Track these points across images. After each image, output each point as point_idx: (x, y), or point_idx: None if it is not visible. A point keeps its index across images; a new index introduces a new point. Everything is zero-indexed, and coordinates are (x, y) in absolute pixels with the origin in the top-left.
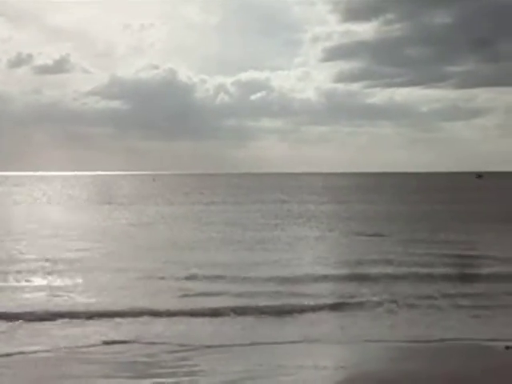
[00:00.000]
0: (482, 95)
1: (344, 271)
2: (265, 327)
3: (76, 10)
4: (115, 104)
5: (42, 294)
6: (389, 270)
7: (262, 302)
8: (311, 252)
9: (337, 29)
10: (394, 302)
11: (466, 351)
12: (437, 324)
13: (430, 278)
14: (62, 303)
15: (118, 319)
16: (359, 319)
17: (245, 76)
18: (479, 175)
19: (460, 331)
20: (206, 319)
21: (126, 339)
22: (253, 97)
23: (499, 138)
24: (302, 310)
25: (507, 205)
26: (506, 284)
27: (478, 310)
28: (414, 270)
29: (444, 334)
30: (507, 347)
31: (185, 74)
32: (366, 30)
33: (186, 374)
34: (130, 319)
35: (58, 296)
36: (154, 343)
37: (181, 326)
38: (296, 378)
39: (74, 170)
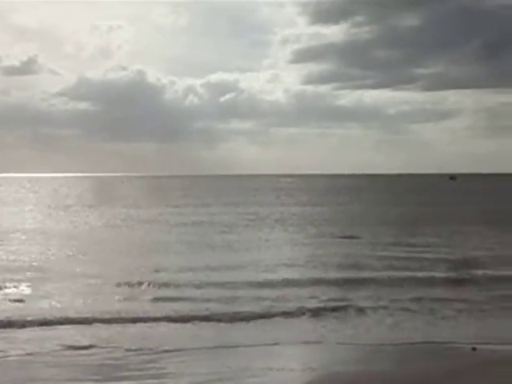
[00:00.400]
0: (451, 97)
1: (313, 275)
2: (233, 331)
3: (43, 10)
4: (83, 105)
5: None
6: (358, 273)
7: (231, 308)
8: (278, 254)
9: (306, 31)
10: (364, 305)
11: (434, 353)
12: (405, 326)
13: (400, 281)
14: (25, 310)
15: (82, 325)
16: (329, 322)
17: (214, 78)
18: (452, 177)
19: (428, 333)
20: (174, 324)
21: (93, 344)
22: (222, 98)
23: (468, 139)
24: (273, 314)
25: (481, 207)
26: (471, 287)
27: (445, 313)
28: (384, 273)
29: (412, 336)
30: (473, 348)
31: (153, 76)
32: (334, 32)
33: (154, 377)
34: (96, 325)
35: (20, 302)
36: (120, 347)
37: (148, 330)
38: (263, 379)
39: (42, 172)
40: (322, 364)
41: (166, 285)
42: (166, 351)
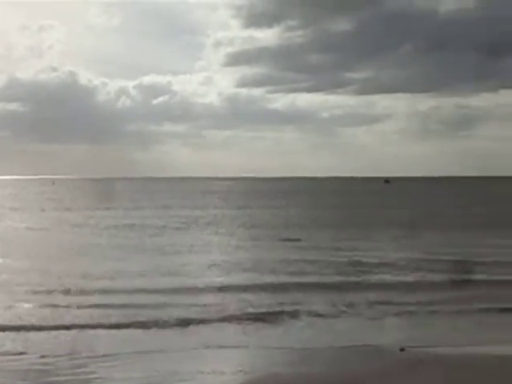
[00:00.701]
0: (382, 101)
1: (245, 280)
2: (164, 337)
3: None
4: (13, 106)
5: None
6: (293, 278)
7: (162, 313)
8: (210, 259)
9: (239, 34)
10: (295, 310)
11: (364, 354)
12: (337, 330)
13: (330, 286)
14: None
15: (12, 332)
16: (261, 327)
17: (147, 80)
18: (387, 180)
19: (359, 336)
20: (105, 330)
21: (23, 351)
22: (155, 101)
23: (399, 143)
24: (202, 320)
25: (415, 210)
26: (398, 291)
27: (375, 316)
28: (315, 278)
29: (344, 339)
30: (401, 349)
31: (85, 77)
32: (268, 36)
33: (83, 382)
34: (25, 332)
35: None
36: (51, 354)
37: (79, 336)
38: (193, 383)
39: None
40: (253, 367)
41: (96, 291)
42: (97, 356)
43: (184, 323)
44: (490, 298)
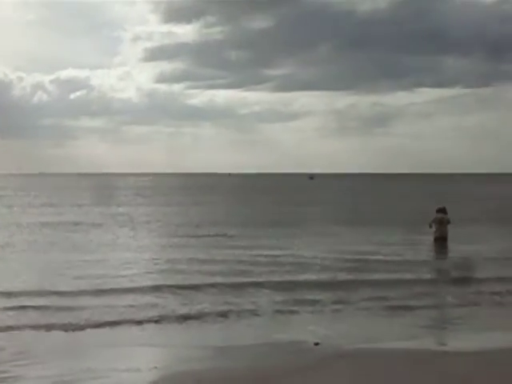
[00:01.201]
0: (301, 98)
1: (160, 280)
2: (79, 338)
3: None
4: None
5: None
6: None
7: (77, 316)
8: (127, 258)
9: (158, 29)
10: (215, 310)
11: (279, 349)
12: (256, 328)
13: (253, 285)
14: None
15: None
16: (180, 327)
17: (64, 74)
18: (311, 177)
19: (274, 333)
20: (19, 332)
21: None
22: (72, 95)
23: (317, 140)
24: (120, 321)
25: (343, 206)
26: (313, 290)
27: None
28: (238, 278)
29: (259, 336)
30: (316, 343)
31: (0, 71)
32: (187, 31)
33: None
34: None
35: None
36: None
37: None
38: (108, 380)
39: None
40: (169, 365)
41: (7, 294)
42: (9, 355)
43: (101, 325)
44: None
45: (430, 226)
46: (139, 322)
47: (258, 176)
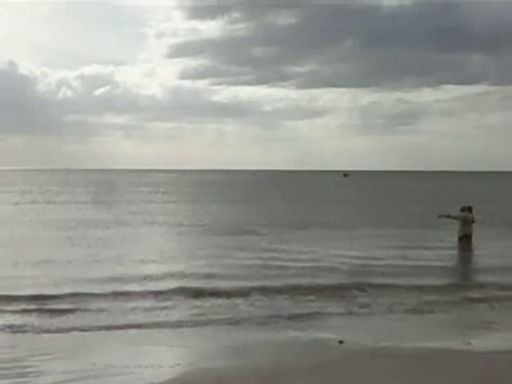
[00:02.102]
0: (325, 95)
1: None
2: (103, 335)
3: None
4: None
5: None
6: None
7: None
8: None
9: (182, 26)
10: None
11: (303, 347)
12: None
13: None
14: None
15: None
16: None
17: (88, 70)
18: (346, 174)
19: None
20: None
21: None
22: (96, 92)
23: (341, 137)
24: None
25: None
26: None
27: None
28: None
29: (284, 334)
30: (340, 341)
31: (25, 67)
32: (211, 28)
33: (19, 375)
34: None
35: None
36: None
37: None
38: (131, 376)
39: None
40: (190, 362)
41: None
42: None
43: (118, 326)
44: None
45: (448, 217)
46: (173, 325)
47: (286, 173)
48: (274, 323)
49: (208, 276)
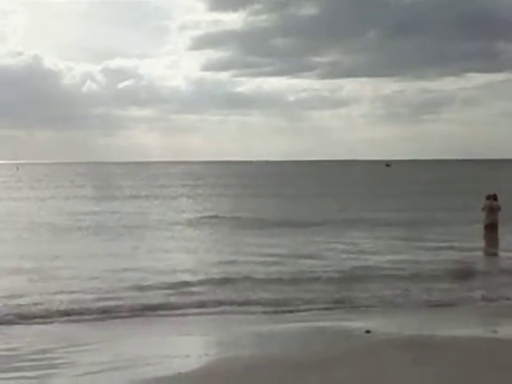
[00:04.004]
0: (348, 85)
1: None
2: (130, 325)
3: None
4: None
5: None
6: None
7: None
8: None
9: (205, 18)
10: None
11: (330, 337)
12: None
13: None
14: None
15: None
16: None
17: (112, 63)
18: (388, 164)
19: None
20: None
21: None
22: (121, 85)
23: (365, 127)
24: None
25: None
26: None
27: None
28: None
29: (313, 323)
30: (367, 331)
31: (50, 61)
32: (233, 19)
33: (49, 367)
34: None
35: None
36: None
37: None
38: (159, 366)
39: None
40: (218, 351)
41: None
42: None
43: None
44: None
45: (483, 210)
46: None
47: (318, 164)
48: (305, 311)
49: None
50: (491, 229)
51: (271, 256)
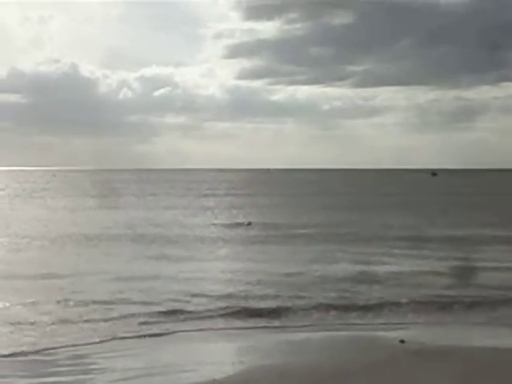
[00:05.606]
0: (381, 94)
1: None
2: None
3: None
4: (14, 98)
5: None
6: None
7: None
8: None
9: (239, 26)
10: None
11: (364, 345)
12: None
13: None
14: None
15: None
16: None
17: (148, 71)
18: (434, 173)
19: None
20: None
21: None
22: (156, 92)
23: (398, 135)
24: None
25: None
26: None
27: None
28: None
29: (346, 331)
30: (401, 341)
31: (87, 69)
32: (268, 28)
33: (83, 372)
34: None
35: None
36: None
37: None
38: (194, 373)
39: None
40: (250, 359)
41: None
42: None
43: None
44: None
45: None
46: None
47: (358, 173)
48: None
49: None
50: None
51: None
